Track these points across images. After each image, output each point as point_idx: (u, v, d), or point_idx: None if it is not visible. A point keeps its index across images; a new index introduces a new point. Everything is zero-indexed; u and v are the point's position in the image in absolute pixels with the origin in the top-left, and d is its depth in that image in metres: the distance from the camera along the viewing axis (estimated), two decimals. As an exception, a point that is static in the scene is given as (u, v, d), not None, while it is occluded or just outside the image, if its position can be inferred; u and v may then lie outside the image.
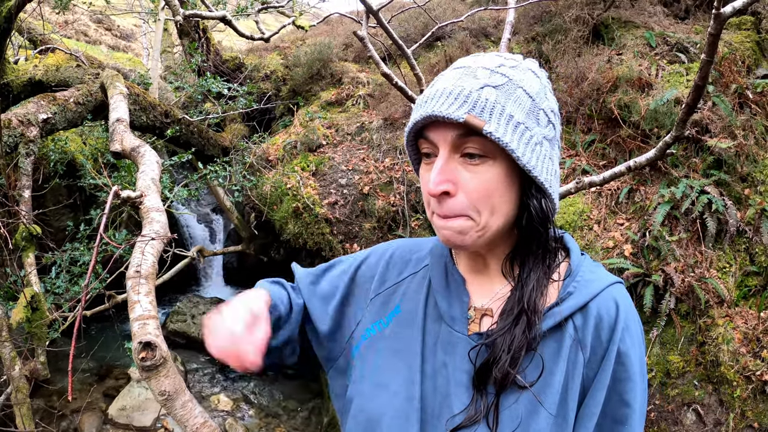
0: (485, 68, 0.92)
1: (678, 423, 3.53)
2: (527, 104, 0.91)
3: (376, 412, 1.01)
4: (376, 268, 1.19)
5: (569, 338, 0.93)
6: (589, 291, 0.96)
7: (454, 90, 0.89)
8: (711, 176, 4.09)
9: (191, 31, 7.45)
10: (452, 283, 1.06)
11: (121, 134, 3.34)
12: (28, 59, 6.08)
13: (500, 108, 0.88)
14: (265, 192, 5.80)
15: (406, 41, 7.00)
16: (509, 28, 2.91)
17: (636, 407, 0.92)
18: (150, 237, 2.15)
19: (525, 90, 0.91)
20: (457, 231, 0.92)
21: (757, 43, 4.85)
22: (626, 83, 4.77)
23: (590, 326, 0.93)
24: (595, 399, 0.91)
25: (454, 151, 0.90)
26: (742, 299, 3.70)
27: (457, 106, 0.87)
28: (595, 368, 0.92)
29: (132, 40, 15.67)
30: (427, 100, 0.91)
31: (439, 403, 0.97)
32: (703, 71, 1.86)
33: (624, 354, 0.92)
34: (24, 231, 4.02)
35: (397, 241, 1.25)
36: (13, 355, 3.81)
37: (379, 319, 1.12)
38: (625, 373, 0.92)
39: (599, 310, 0.94)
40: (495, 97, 0.88)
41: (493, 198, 0.90)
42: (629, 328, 0.94)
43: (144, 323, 1.81)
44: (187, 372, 6.33)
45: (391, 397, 1.00)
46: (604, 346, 0.92)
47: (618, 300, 0.96)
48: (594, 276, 0.98)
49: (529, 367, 0.92)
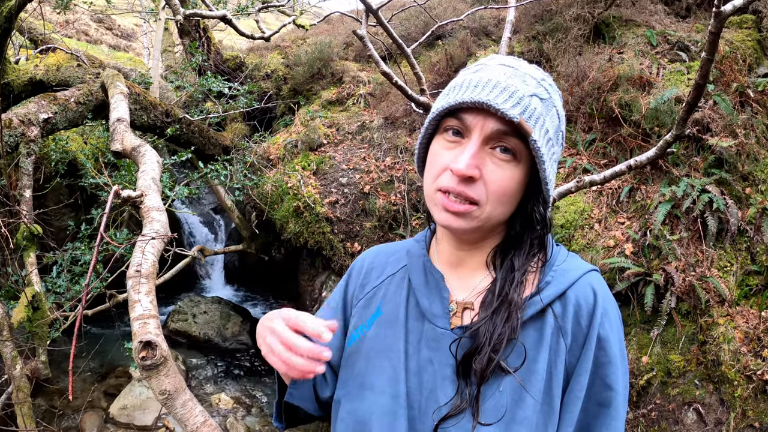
0: (533, 77, 0.97)
1: (679, 422, 3.53)
2: (556, 123, 0.99)
3: (363, 413, 1.02)
4: (358, 277, 1.22)
5: (550, 326, 0.96)
6: (566, 279, 0.99)
7: (508, 88, 0.92)
8: (712, 175, 4.08)
9: (192, 30, 7.45)
10: (431, 280, 1.08)
11: (121, 134, 3.34)
12: (29, 59, 6.08)
13: (542, 121, 0.94)
14: (266, 191, 5.80)
15: (407, 40, 6.99)
16: (509, 26, 2.91)
17: (619, 389, 0.94)
18: (150, 236, 2.15)
19: (557, 110, 0.99)
20: (462, 213, 0.95)
21: (758, 42, 4.84)
22: (627, 82, 4.76)
23: (570, 313, 0.96)
24: (579, 384, 0.94)
25: (486, 141, 0.94)
26: (743, 298, 3.70)
27: (512, 105, 0.90)
28: (577, 354, 0.95)
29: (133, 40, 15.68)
30: (477, 85, 0.94)
31: (426, 398, 0.98)
32: (704, 69, 1.86)
33: (604, 339, 0.95)
34: (25, 230, 4.02)
35: (375, 247, 1.29)
36: (14, 354, 3.81)
37: (361, 323, 1.14)
38: (606, 357, 0.94)
39: (577, 297, 0.97)
40: (541, 109, 0.94)
41: (505, 195, 0.95)
42: (608, 313, 0.97)
43: (144, 322, 1.81)
44: (188, 371, 6.33)
45: (377, 397, 1.01)
46: (584, 332, 0.95)
47: (595, 287, 0.99)
48: (570, 265, 1.02)
49: (511, 355, 0.94)
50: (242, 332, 7.17)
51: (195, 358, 6.73)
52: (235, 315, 7.36)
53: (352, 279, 1.23)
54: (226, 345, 7.04)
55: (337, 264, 5.44)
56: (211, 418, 1.74)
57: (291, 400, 1.17)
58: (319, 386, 1.19)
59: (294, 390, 1.18)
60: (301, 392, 1.18)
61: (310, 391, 1.19)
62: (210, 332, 7.04)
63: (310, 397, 1.19)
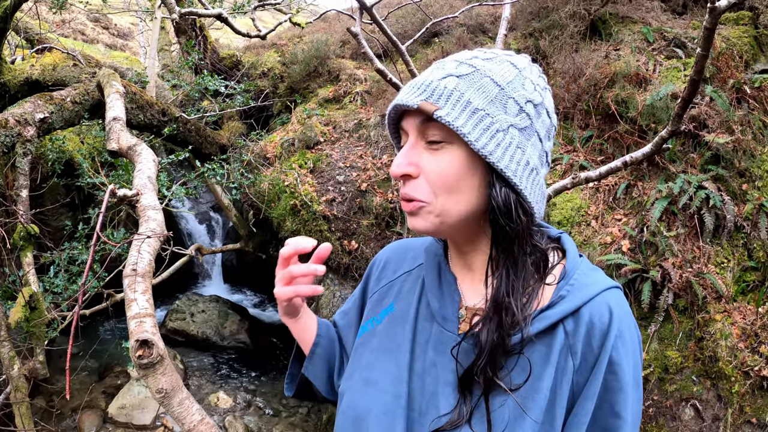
0: (456, 60, 0.95)
1: (676, 418, 3.53)
2: (493, 92, 0.91)
3: (363, 408, 1.01)
4: (376, 271, 1.23)
5: (559, 343, 0.91)
6: (582, 295, 0.93)
7: (419, 80, 0.93)
8: (709, 171, 4.09)
9: (188, 29, 7.43)
10: (444, 282, 1.06)
11: (117, 133, 3.33)
12: (25, 59, 6.06)
13: (458, 95, 0.89)
14: (263, 189, 5.79)
15: (403, 37, 6.99)
16: (505, 23, 2.91)
17: (627, 418, 0.89)
18: (146, 235, 2.14)
19: (493, 79, 0.91)
20: (416, 214, 0.95)
21: (754, 38, 4.85)
22: (623, 79, 4.76)
23: (581, 332, 0.90)
24: (585, 408, 0.89)
25: (420, 137, 0.94)
26: (740, 294, 3.70)
27: (417, 94, 0.91)
28: (585, 376, 0.90)
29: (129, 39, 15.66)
30: (399, 94, 0.95)
31: (427, 401, 0.97)
32: (699, 65, 1.86)
33: (616, 363, 0.88)
34: (22, 230, 4.02)
35: (398, 242, 1.29)
36: (12, 354, 3.81)
37: (373, 316, 1.14)
38: (617, 383, 0.88)
39: (591, 315, 0.91)
40: (455, 85, 0.90)
41: (449, 182, 0.91)
42: (623, 336, 0.90)
43: (141, 321, 1.81)
44: (187, 370, 6.33)
45: (379, 394, 1.00)
46: (596, 353, 0.89)
47: (612, 306, 0.92)
48: (589, 280, 0.95)
49: (515, 370, 0.91)
50: (240, 331, 7.18)
51: (193, 357, 6.73)
52: (233, 314, 7.36)
53: (372, 272, 1.25)
54: (224, 344, 7.05)
55: (334, 262, 5.44)
56: (208, 417, 1.74)
57: (306, 373, 1.24)
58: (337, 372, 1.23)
59: (309, 364, 1.24)
60: (315, 369, 1.24)
61: (324, 371, 1.24)
62: (208, 331, 7.05)
63: (323, 378, 1.24)
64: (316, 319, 1.28)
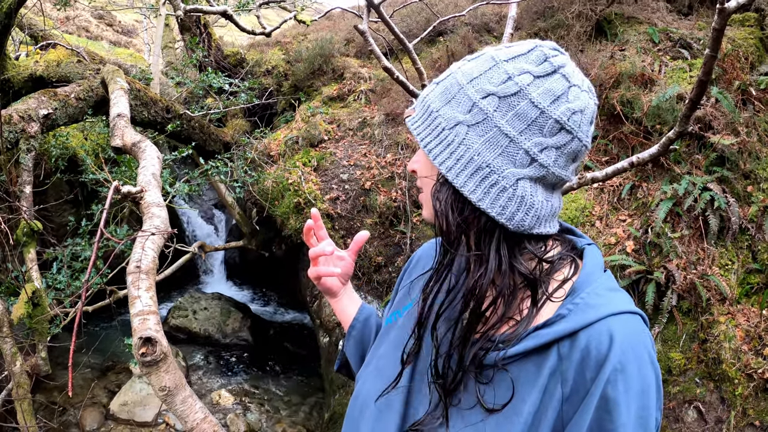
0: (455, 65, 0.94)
1: (679, 420, 3.52)
2: (452, 92, 0.88)
3: (369, 395, 1.03)
4: (409, 265, 1.28)
5: (550, 366, 0.82)
6: (583, 317, 0.82)
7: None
8: (714, 173, 4.08)
9: (192, 26, 7.43)
10: None
11: (122, 129, 3.33)
12: (29, 55, 6.06)
13: (426, 99, 0.92)
14: (267, 187, 5.79)
15: (408, 36, 6.98)
16: (511, 23, 2.89)
17: None
18: (150, 232, 2.14)
19: (456, 78, 0.89)
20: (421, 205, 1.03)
21: (760, 40, 4.83)
22: (629, 79, 4.75)
23: (575, 359, 0.80)
24: None
25: None
26: (744, 297, 3.69)
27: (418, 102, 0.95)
28: (575, 407, 0.80)
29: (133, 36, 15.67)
30: None
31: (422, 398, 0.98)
32: (707, 66, 1.84)
33: (612, 401, 0.76)
34: (25, 227, 4.02)
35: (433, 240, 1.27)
36: (14, 350, 3.81)
37: (397, 309, 1.18)
38: (611, 424, 0.76)
39: (588, 342, 0.80)
40: (429, 92, 0.93)
41: (420, 178, 0.96)
42: (625, 370, 0.77)
43: (144, 318, 1.81)
44: (189, 367, 6.33)
45: (383, 385, 1.01)
46: (587, 385, 0.79)
47: (615, 334, 0.79)
48: (599, 301, 0.83)
49: (499, 386, 0.85)
50: (242, 328, 7.18)
51: (195, 354, 6.74)
52: (236, 311, 7.36)
53: (408, 266, 1.29)
54: (227, 341, 7.05)
55: (338, 261, 5.43)
56: (211, 415, 1.73)
57: (344, 350, 1.35)
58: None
59: (347, 344, 1.34)
60: (350, 349, 1.32)
61: (358, 352, 1.31)
62: (210, 328, 7.05)
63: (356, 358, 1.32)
64: (359, 303, 1.36)
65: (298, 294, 6.94)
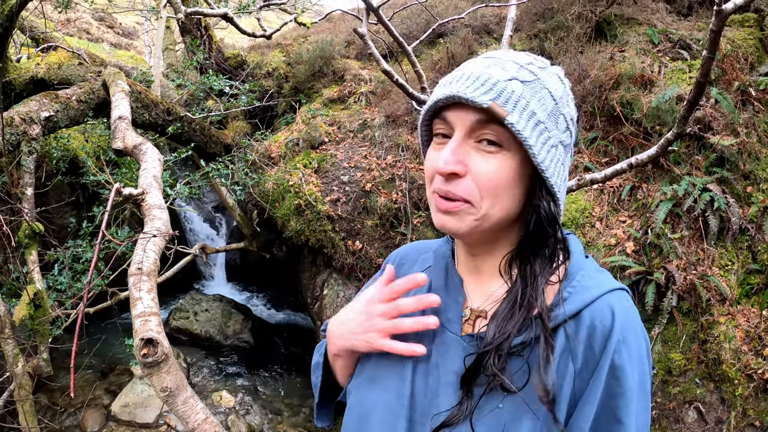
0: (515, 62, 0.93)
1: (679, 421, 3.53)
2: (550, 105, 0.91)
3: (368, 406, 1.02)
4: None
5: (560, 346, 0.89)
6: (584, 297, 0.91)
7: (482, 76, 0.90)
8: (713, 174, 4.08)
9: (193, 28, 7.45)
10: (450, 284, 1.07)
11: (123, 132, 3.35)
12: (31, 57, 6.08)
13: (524, 102, 0.88)
14: (268, 189, 5.80)
15: (409, 38, 6.99)
16: (510, 24, 2.91)
17: (630, 425, 0.85)
18: (152, 234, 2.15)
19: (550, 92, 0.92)
20: (453, 212, 0.92)
21: (760, 41, 4.84)
22: (628, 80, 4.76)
23: (582, 336, 0.89)
24: (585, 413, 0.87)
25: (469, 135, 0.91)
26: (744, 297, 3.70)
27: (483, 92, 0.87)
28: (586, 380, 0.88)
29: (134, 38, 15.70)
30: (452, 81, 0.92)
31: (429, 402, 0.97)
32: (705, 68, 1.85)
33: (619, 368, 0.86)
34: (27, 228, 4.03)
35: (410, 244, 1.27)
36: (16, 352, 3.82)
37: None
38: (620, 388, 0.86)
39: (593, 318, 0.89)
40: (521, 92, 0.89)
41: (499, 189, 0.90)
42: (626, 340, 0.88)
43: (146, 320, 1.82)
44: (190, 369, 6.34)
45: (382, 393, 1.01)
46: (597, 357, 0.88)
47: (615, 309, 0.90)
48: (593, 282, 0.94)
49: (517, 372, 0.89)
50: (243, 330, 7.19)
51: (196, 355, 6.74)
52: (237, 313, 7.37)
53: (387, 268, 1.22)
54: (228, 343, 7.06)
55: (339, 262, 5.44)
56: (212, 416, 1.74)
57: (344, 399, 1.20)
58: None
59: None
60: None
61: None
62: (211, 330, 7.06)
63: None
64: None
65: (298, 295, 6.94)
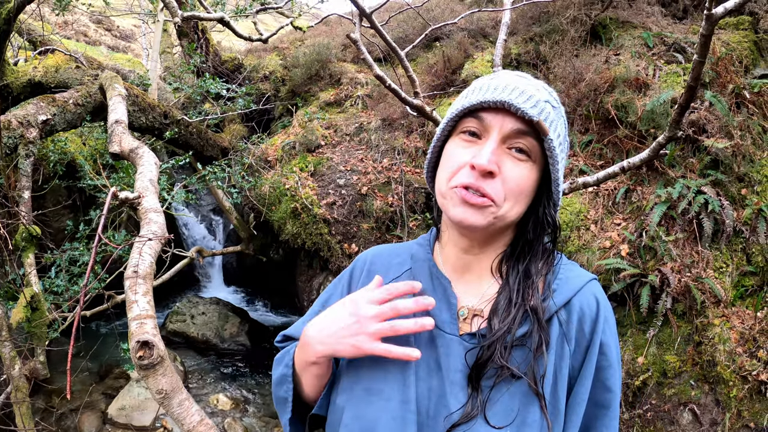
0: (544, 88, 1.05)
1: (674, 423, 3.54)
2: (564, 132, 1.06)
3: (370, 419, 1.00)
4: (359, 278, 1.20)
5: (555, 332, 1.00)
6: (571, 287, 1.05)
7: (526, 91, 0.99)
8: (708, 176, 4.10)
9: (190, 32, 7.46)
10: (438, 286, 1.08)
11: (119, 135, 3.36)
12: (28, 60, 6.09)
13: (556, 124, 1.02)
14: (264, 192, 5.81)
15: (405, 42, 7.01)
16: (505, 29, 2.93)
17: (617, 391, 1.02)
18: (147, 237, 2.16)
19: (564, 122, 1.07)
20: (479, 208, 0.98)
21: (754, 43, 4.86)
22: (623, 83, 4.78)
23: (574, 320, 1.02)
24: (584, 387, 1.00)
25: (503, 141, 0.99)
26: (739, 299, 3.71)
27: (531, 105, 0.97)
28: (580, 359, 1.01)
29: (131, 41, 15.70)
30: (497, 88, 1.00)
31: (435, 403, 0.98)
32: (696, 72, 1.87)
33: (605, 344, 1.02)
34: (24, 231, 4.04)
35: (375, 248, 1.27)
36: (12, 354, 3.83)
37: None
38: (606, 361, 1.02)
39: (582, 305, 1.03)
40: (554, 115, 1.02)
41: (521, 194, 1.00)
42: (608, 320, 1.04)
43: (142, 323, 1.83)
44: (187, 372, 6.34)
45: (385, 403, 1.00)
46: (588, 338, 1.02)
47: (597, 295, 1.05)
48: (573, 273, 1.08)
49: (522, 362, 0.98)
50: (240, 333, 7.18)
51: (193, 359, 6.74)
52: (234, 316, 7.37)
53: (354, 279, 1.21)
54: (225, 346, 7.05)
55: (335, 265, 5.45)
56: (207, 418, 1.75)
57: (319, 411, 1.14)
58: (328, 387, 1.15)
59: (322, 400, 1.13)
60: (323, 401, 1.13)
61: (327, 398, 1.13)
62: (208, 333, 7.06)
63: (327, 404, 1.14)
64: None
65: (295, 299, 6.95)
